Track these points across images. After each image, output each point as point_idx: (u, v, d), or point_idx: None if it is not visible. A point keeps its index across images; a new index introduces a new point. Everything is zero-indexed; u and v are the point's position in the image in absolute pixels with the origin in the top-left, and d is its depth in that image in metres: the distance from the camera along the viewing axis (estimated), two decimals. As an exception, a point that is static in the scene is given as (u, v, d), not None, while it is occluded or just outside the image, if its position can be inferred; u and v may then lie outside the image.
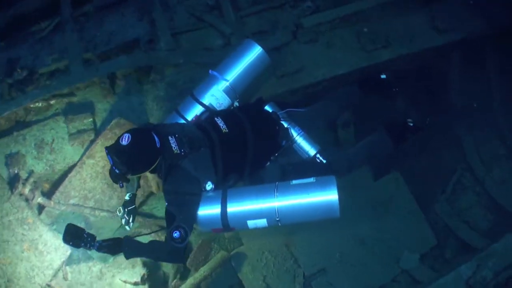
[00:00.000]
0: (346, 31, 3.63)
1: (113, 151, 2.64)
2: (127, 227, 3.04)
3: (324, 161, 3.02)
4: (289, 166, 3.02)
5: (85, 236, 2.71)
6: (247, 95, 3.34)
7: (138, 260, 3.61)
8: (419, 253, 3.67)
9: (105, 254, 2.86)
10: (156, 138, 2.69)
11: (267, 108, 3.12)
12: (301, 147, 3.06)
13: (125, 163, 2.63)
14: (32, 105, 3.67)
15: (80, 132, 3.55)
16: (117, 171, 2.68)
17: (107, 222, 3.67)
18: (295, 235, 3.60)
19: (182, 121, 3.09)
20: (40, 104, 3.67)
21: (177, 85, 3.51)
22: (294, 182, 2.73)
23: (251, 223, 2.73)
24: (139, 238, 3.02)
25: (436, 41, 3.78)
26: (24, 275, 3.72)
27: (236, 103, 3.17)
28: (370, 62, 3.59)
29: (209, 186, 2.78)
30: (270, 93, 3.51)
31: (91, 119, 3.56)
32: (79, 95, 3.66)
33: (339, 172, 3.01)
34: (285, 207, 2.68)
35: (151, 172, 2.79)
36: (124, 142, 2.60)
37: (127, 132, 2.66)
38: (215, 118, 2.93)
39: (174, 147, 2.70)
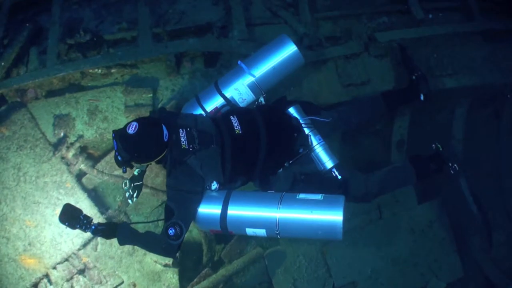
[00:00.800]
0: (416, 53, 3.64)
1: (119, 137, 2.59)
2: (129, 201, 2.97)
3: (339, 177, 2.89)
4: (301, 176, 2.90)
5: (82, 218, 2.65)
6: (275, 92, 3.25)
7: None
8: (446, 282, 3.71)
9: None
10: (165, 131, 2.63)
11: (291, 110, 2.98)
12: (319, 158, 2.92)
13: (128, 152, 2.59)
14: (91, 70, 3.60)
15: (137, 105, 3.49)
16: (119, 158, 2.63)
17: (148, 199, 3.64)
18: (332, 244, 3.60)
19: (200, 110, 2.98)
20: (100, 71, 3.60)
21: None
22: (301, 196, 2.62)
23: (249, 231, 2.64)
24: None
25: (496, 78, 3.82)
26: (50, 240, 3.67)
27: (262, 100, 3.02)
28: (434, 87, 3.61)
29: (213, 186, 2.70)
30: (333, 100, 3.52)
31: (151, 95, 3.50)
32: (142, 68, 3.60)
33: (353, 194, 2.89)
34: (286, 220, 2.56)
35: (156, 163, 2.73)
36: (131, 131, 2.54)
37: (136, 120, 2.60)
38: (231, 117, 2.82)
39: (183, 142, 2.63)
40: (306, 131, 2.91)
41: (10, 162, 3.73)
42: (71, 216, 2.66)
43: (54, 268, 3.69)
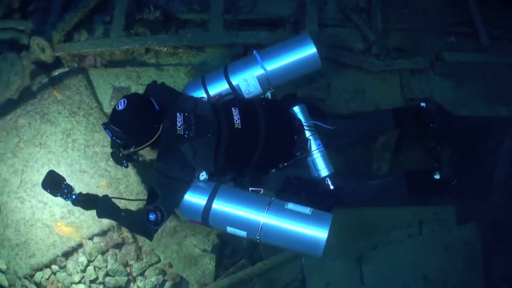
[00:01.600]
0: (478, 77, 3.69)
1: (111, 120, 2.55)
2: (122, 166, 2.82)
3: (332, 187, 2.83)
4: (294, 180, 2.84)
5: (63, 186, 2.63)
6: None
7: (214, 229, 3.59)
8: (468, 305, 3.78)
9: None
10: (156, 106, 2.55)
11: (296, 109, 2.86)
12: (314, 164, 2.83)
13: (124, 130, 2.52)
14: (157, 48, 3.57)
15: (199, 89, 3.47)
16: (118, 141, 2.57)
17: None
18: (370, 253, 3.65)
19: (203, 92, 2.85)
20: (165, 49, 3.57)
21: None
22: (289, 206, 2.55)
23: (230, 229, 2.57)
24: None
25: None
26: (91, 211, 3.64)
27: (269, 94, 2.89)
28: (489, 113, 3.66)
29: (202, 176, 2.59)
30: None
31: (214, 80, 3.49)
32: (208, 53, 3.59)
33: (342, 203, 2.87)
34: (270, 227, 2.50)
35: (152, 146, 2.62)
36: (120, 107, 2.49)
37: (124, 96, 2.55)
38: (232, 108, 2.69)
39: (179, 127, 2.52)
40: (307, 134, 2.82)
41: (60, 127, 3.70)
42: (53, 183, 2.64)
43: (91, 239, 3.69)
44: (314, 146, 2.80)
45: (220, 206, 2.54)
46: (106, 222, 3.61)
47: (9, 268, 3.75)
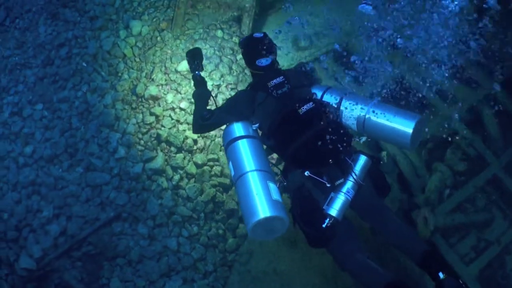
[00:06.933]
0: None
1: (249, 35, 3.48)
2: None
3: (323, 225, 2.84)
4: (306, 191, 2.96)
5: (196, 62, 3.32)
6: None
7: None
8: None
9: None
10: (266, 61, 3.15)
11: (361, 157, 2.98)
12: (332, 200, 2.89)
13: (241, 42, 3.32)
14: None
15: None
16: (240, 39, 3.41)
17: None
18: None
19: (319, 93, 3.18)
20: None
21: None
22: (271, 185, 2.85)
23: (230, 165, 3.01)
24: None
25: None
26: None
27: (362, 139, 3.23)
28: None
29: (254, 125, 3.10)
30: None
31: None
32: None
33: (326, 244, 2.93)
34: (244, 183, 2.86)
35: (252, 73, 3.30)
36: (256, 35, 3.26)
37: (266, 35, 3.24)
38: (310, 103, 3.03)
39: (273, 81, 3.09)
40: (350, 179, 2.92)
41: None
42: (193, 56, 3.34)
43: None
44: (344, 189, 2.90)
45: (241, 145, 3.02)
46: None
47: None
